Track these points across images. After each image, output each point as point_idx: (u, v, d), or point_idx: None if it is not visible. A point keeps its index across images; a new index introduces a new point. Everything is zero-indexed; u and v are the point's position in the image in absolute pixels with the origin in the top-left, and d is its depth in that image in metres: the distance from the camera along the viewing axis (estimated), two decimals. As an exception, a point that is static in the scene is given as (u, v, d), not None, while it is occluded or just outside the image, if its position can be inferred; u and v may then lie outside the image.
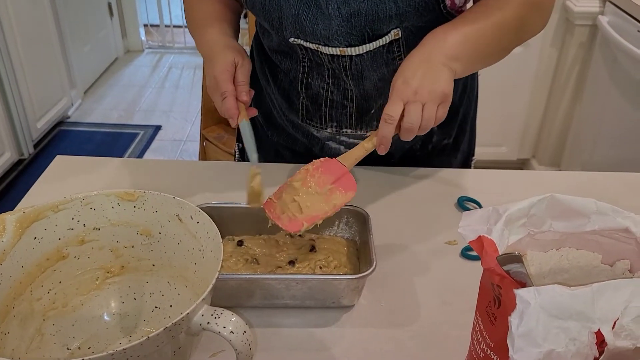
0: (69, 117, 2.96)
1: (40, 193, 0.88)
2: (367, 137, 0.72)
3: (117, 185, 0.89)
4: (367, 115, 0.90)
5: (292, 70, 0.90)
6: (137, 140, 2.81)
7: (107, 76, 3.44)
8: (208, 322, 0.49)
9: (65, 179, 0.92)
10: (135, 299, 0.64)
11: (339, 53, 0.81)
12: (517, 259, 0.44)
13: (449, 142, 0.99)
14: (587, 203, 0.48)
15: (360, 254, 0.74)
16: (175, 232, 0.61)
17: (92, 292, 0.63)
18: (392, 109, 0.68)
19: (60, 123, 2.89)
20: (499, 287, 0.45)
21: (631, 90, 1.81)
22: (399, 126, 0.70)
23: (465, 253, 0.77)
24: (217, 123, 2.35)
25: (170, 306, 0.63)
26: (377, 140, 0.70)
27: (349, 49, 0.80)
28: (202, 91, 2.26)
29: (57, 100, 2.81)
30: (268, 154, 1.03)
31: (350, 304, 0.69)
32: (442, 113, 0.70)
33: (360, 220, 0.75)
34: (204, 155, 2.34)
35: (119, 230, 0.62)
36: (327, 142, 0.95)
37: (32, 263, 0.58)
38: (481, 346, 0.50)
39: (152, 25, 3.89)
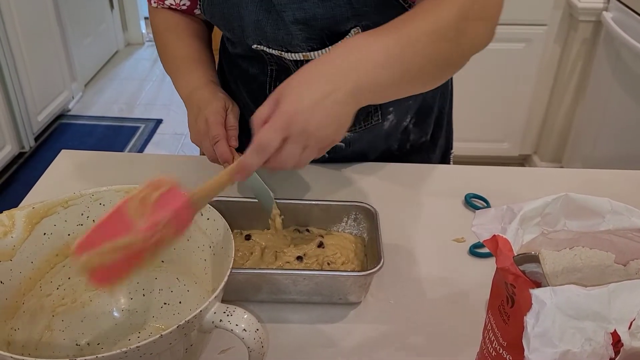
0: (69, 110, 2.95)
1: (45, 187, 0.88)
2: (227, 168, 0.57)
3: (122, 179, 0.89)
4: None
5: (260, 74, 0.89)
6: (138, 133, 2.81)
7: (107, 69, 3.43)
8: (220, 320, 0.49)
9: (70, 173, 0.91)
10: (144, 295, 0.64)
11: (302, 58, 0.80)
12: (533, 258, 0.44)
13: (426, 140, 0.99)
14: (602, 202, 0.48)
15: (368, 251, 0.74)
16: (184, 229, 0.60)
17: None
18: (268, 138, 0.54)
19: (61, 116, 2.88)
20: (513, 286, 0.45)
21: (634, 87, 1.81)
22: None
23: (473, 250, 0.77)
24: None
25: (180, 302, 0.63)
26: (238, 167, 0.56)
27: (311, 53, 0.79)
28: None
29: (58, 93, 2.80)
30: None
31: (357, 300, 0.69)
32: (318, 155, 0.58)
33: (368, 216, 0.75)
34: (205, 149, 2.33)
35: (128, 226, 0.61)
36: None
37: (41, 259, 0.58)
38: (493, 345, 0.50)
39: (152, 18, 3.87)
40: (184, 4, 0.88)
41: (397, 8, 0.73)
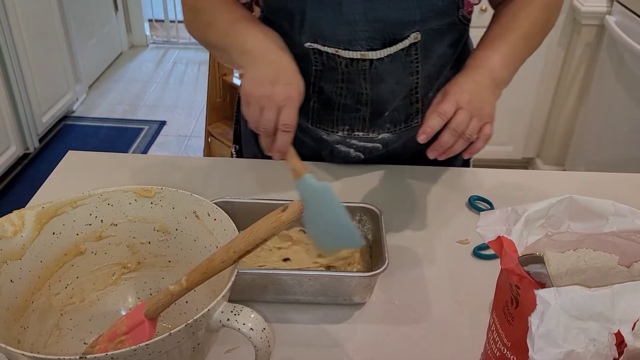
0: (73, 112, 2.97)
1: (52, 188, 0.89)
2: (283, 205, 0.53)
3: (128, 180, 0.90)
4: (380, 118, 0.90)
5: (302, 74, 0.87)
6: (141, 135, 2.82)
7: (111, 71, 3.44)
8: (228, 319, 0.49)
9: (76, 174, 0.92)
10: (151, 294, 0.64)
11: (359, 57, 0.81)
12: (538, 259, 0.44)
13: None
14: (606, 204, 0.48)
15: (373, 252, 0.74)
16: (191, 229, 0.61)
17: (108, 287, 0.64)
18: (447, 106, 0.71)
19: (65, 117, 2.89)
20: (517, 287, 0.45)
21: (637, 91, 1.82)
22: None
23: (477, 252, 0.78)
24: (222, 119, 2.35)
25: (186, 302, 0.63)
26: (422, 130, 0.71)
27: (369, 52, 0.80)
28: (207, 87, 2.27)
29: (62, 94, 2.81)
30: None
31: (361, 301, 0.70)
32: (489, 130, 0.73)
33: (373, 218, 0.76)
34: (208, 151, 2.34)
35: (136, 226, 0.62)
36: (336, 146, 0.94)
37: (50, 258, 0.59)
38: (497, 345, 0.50)
39: (156, 20, 3.89)
40: None
41: (452, 16, 0.82)
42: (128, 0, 3.63)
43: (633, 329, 0.40)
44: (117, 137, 2.80)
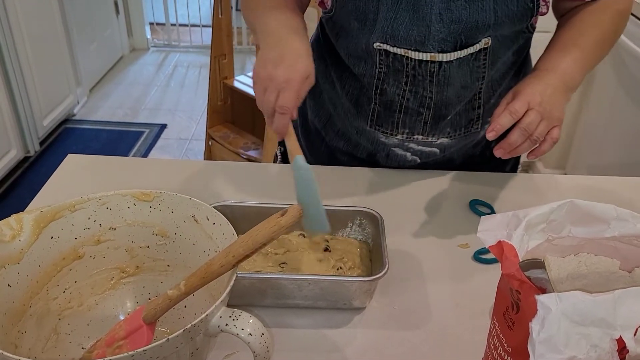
0: (74, 115, 2.97)
1: (52, 191, 0.88)
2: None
3: (128, 184, 0.89)
4: (442, 122, 0.89)
5: (366, 75, 0.87)
6: (142, 138, 2.82)
7: (112, 74, 3.44)
8: (226, 324, 0.49)
9: (76, 178, 0.92)
10: (149, 299, 0.64)
11: (429, 59, 0.81)
12: (539, 264, 0.44)
13: None
14: (607, 209, 0.48)
15: (373, 256, 0.74)
16: (190, 233, 0.61)
17: (107, 291, 0.63)
18: (518, 106, 0.71)
19: (66, 121, 2.89)
20: (518, 292, 0.45)
21: (638, 94, 1.81)
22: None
23: (478, 256, 0.77)
24: (223, 122, 2.35)
25: (185, 307, 0.63)
26: (492, 127, 0.71)
27: (440, 54, 0.80)
28: (208, 90, 2.27)
29: (63, 98, 2.81)
30: (321, 157, 1.01)
31: (361, 305, 0.70)
32: (557, 134, 0.74)
33: (373, 222, 0.75)
34: (209, 154, 2.34)
35: (135, 230, 0.62)
36: (393, 149, 0.93)
37: (48, 262, 0.58)
38: (498, 351, 0.50)
39: (157, 24, 3.89)
40: None
41: (524, 23, 0.82)
42: (129, 3, 3.63)
43: (635, 334, 0.40)
44: (118, 140, 2.80)
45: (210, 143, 2.30)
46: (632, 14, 1.83)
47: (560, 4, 0.86)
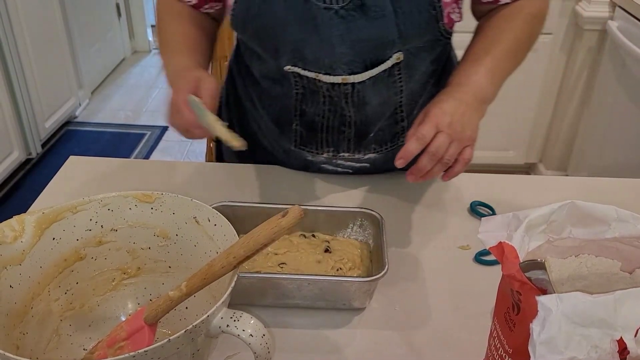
0: (76, 117, 2.97)
1: (54, 193, 0.89)
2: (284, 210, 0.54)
3: (130, 186, 0.90)
4: (366, 139, 0.89)
5: (283, 97, 0.86)
6: (144, 140, 2.82)
7: (114, 76, 3.44)
8: (227, 325, 0.49)
9: (78, 179, 0.92)
10: (151, 300, 0.64)
11: (340, 81, 0.79)
12: (539, 265, 0.44)
13: None
14: (608, 210, 0.48)
15: (373, 257, 0.74)
16: (192, 234, 0.61)
17: (108, 293, 0.63)
18: (425, 130, 0.68)
19: (67, 123, 2.90)
20: (519, 293, 0.45)
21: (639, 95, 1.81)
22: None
23: (479, 258, 0.77)
24: (224, 124, 2.35)
25: (186, 308, 0.63)
26: (401, 154, 0.69)
27: (351, 76, 0.79)
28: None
29: (65, 100, 2.82)
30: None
31: (361, 306, 0.70)
32: (469, 154, 0.71)
33: (374, 223, 0.75)
34: (210, 156, 2.34)
35: (136, 231, 0.62)
36: (322, 166, 0.93)
37: (50, 263, 0.59)
38: (499, 352, 0.50)
39: (159, 26, 3.90)
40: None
41: (433, 32, 0.79)
42: (131, 6, 3.64)
43: (636, 335, 0.40)
44: (120, 142, 2.80)
45: (211, 145, 2.30)
46: (633, 15, 1.83)
47: (475, 7, 0.85)
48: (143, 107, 3.14)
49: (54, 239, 0.59)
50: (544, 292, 0.44)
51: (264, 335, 0.50)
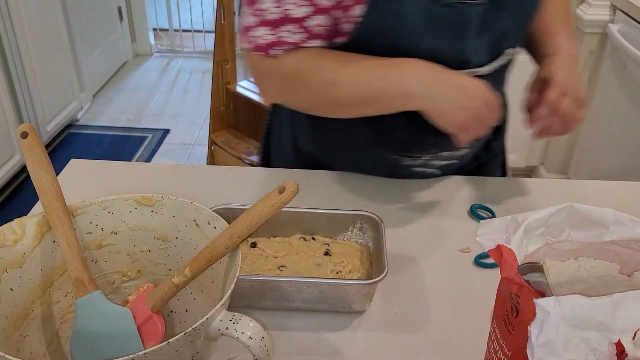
0: (78, 120, 2.98)
1: (55, 196, 0.89)
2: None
3: (131, 189, 0.90)
4: None
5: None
6: (145, 143, 2.83)
7: (116, 80, 3.46)
8: (227, 328, 0.49)
9: (79, 182, 0.93)
10: (151, 302, 0.64)
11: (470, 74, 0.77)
12: (537, 268, 0.44)
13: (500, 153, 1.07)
14: (606, 213, 0.48)
15: (373, 260, 0.74)
16: (192, 237, 0.61)
17: (108, 295, 0.63)
18: (554, 96, 0.78)
19: (69, 126, 2.91)
20: (517, 296, 0.45)
21: (641, 99, 1.81)
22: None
23: (479, 261, 0.77)
24: (225, 127, 2.36)
25: (186, 311, 0.63)
26: (534, 118, 0.79)
27: (479, 69, 0.80)
28: (211, 95, 2.28)
29: (67, 103, 2.82)
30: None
31: (361, 309, 0.70)
32: (583, 114, 0.80)
33: (373, 225, 0.76)
34: (212, 159, 2.34)
35: (136, 234, 0.62)
36: (414, 169, 0.92)
37: (50, 266, 0.59)
38: (498, 355, 0.50)
39: (161, 30, 3.91)
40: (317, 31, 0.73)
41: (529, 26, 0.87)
42: (133, 9, 3.65)
43: (634, 338, 0.40)
44: (121, 145, 2.81)
45: (212, 148, 2.31)
46: (633, 18, 1.83)
47: None
48: (145, 110, 3.15)
49: (54, 241, 0.59)
50: (542, 294, 0.44)
51: (263, 337, 0.50)
